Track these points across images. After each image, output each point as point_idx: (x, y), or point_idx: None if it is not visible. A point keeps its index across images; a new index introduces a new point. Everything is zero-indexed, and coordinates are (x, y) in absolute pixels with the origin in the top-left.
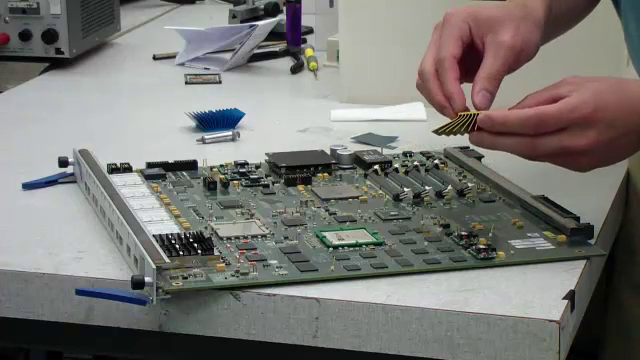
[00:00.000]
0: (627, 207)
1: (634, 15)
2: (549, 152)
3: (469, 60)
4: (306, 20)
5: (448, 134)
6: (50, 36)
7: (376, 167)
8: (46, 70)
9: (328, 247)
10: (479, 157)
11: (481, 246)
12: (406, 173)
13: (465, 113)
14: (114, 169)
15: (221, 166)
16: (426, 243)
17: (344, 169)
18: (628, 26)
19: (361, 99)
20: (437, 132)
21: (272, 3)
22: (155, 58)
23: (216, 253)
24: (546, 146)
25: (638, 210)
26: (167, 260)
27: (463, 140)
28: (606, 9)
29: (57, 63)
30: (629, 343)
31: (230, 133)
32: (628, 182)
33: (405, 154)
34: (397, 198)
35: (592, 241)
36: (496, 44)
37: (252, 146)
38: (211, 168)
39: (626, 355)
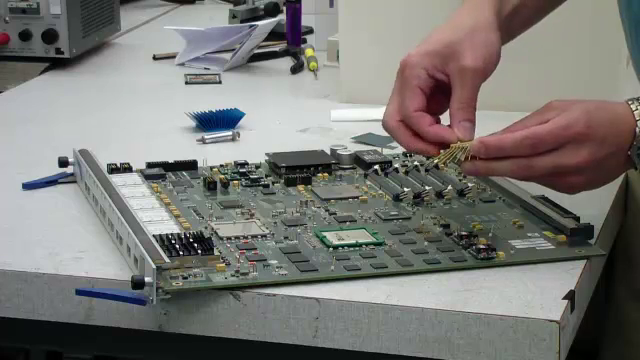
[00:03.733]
0: (626, 214)
1: (628, 21)
2: (543, 172)
3: (444, 92)
4: (306, 20)
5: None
6: (50, 36)
7: (376, 167)
8: (46, 70)
9: (328, 247)
10: None
11: (481, 246)
12: (406, 173)
13: (457, 145)
14: (114, 169)
15: (221, 166)
16: (426, 243)
17: (344, 169)
18: (625, 28)
19: (361, 99)
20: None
21: (272, 3)
22: (155, 58)
23: (216, 253)
24: (540, 166)
25: (637, 217)
26: (167, 260)
27: None
28: (606, 10)
29: (57, 63)
30: (628, 347)
31: (230, 133)
32: (627, 188)
33: (405, 154)
34: (397, 198)
35: (592, 241)
36: (459, 72)
37: (252, 146)
38: (211, 168)
39: (625, 357)
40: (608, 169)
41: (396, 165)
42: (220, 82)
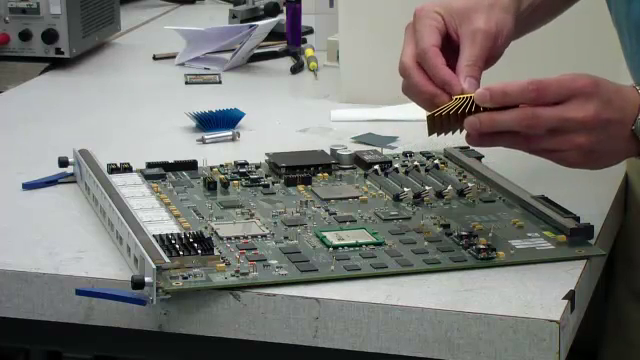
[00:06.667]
0: (626, 214)
1: (626, 25)
2: (548, 125)
3: (445, 53)
4: (306, 20)
5: (441, 131)
6: (50, 36)
7: (376, 167)
8: (46, 70)
9: (328, 247)
10: (479, 157)
11: (481, 246)
12: (406, 173)
13: (461, 96)
14: (114, 169)
15: (221, 166)
16: (426, 243)
17: (344, 169)
18: (622, 35)
19: (361, 99)
20: (431, 119)
21: (272, 3)
22: (155, 58)
23: (216, 253)
24: (545, 117)
25: (637, 217)
26: (167, 260)
27: (463, 140)
28: (606, 10)
29: (57, 63)
30: (628, 347)
31: (230, 133)
32: (627, 188)
33: (405, 154)
34: (397, 198)
35: (592, 241)
36: (471, 32)
37: (252, 146)
38: (211, 168)
39: (625, 357)
40: (612, 138)
41: (396, 165)
42: (220, 82)
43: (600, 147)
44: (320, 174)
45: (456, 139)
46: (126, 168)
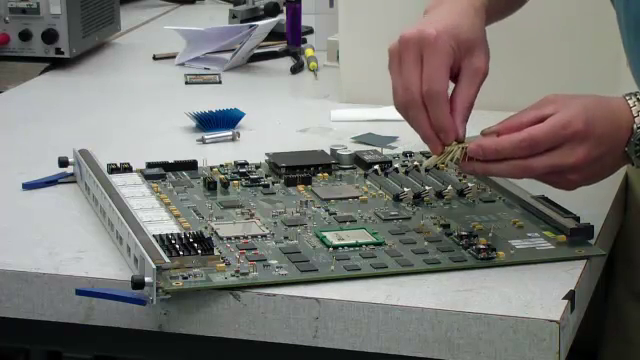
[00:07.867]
0: (626, 214)
1: (626, 22)
2: (541, 172)
3: None
4: (306, 20)
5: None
6: (50, 36)
7: (376, 167)
8: (46, 70)
9: (328, 247)
10: None
11: (481, 246)
12: (406, 173)
13: (453, 146)
14: (114, 169)
15: (221, 166)
16: (426, 243)
17: (344, 169)
18: (622, 29)
19: (361, 99)
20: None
21: (272, 3)
22: (155, 58)
23: (216, 253)
24: (538, 167)
25: (637, 217)
26: (167, 260)
27: None
28: (606, 9)
29: (57, 63)
30: (628, 347)
31: (230, 133)
32: (627, 188)
33: (405, 154)
34: (397, 198)
35: (592, 241)
36: (473, 71)
37: (252, 146)
38: (211, 168)
39: (625, 356)
40: (604, 166)
41: (396, 165)
42: (220, 82)
43: (592, 175)
44: (320, 174)
45: None
46: (126, 168)
